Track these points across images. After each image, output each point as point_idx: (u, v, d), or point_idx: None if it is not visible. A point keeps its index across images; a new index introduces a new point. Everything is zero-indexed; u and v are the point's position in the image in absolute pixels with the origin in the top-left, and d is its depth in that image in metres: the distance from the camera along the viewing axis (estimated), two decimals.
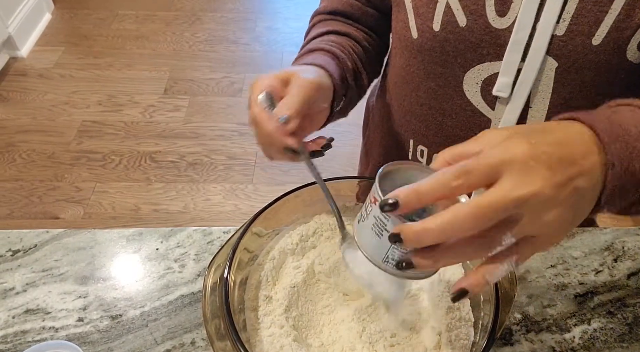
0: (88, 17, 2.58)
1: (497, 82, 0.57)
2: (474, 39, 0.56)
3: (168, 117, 2.09)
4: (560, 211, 0.34)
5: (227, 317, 0.46)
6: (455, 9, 0.55)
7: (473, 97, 0.61)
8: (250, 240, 0.53)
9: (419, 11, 0.58)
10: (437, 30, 0.57)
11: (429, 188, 0.34)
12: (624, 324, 0.61)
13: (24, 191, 1.80)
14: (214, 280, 0.50)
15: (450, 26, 0.56)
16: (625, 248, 0.69)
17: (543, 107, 0.58)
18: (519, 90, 0.57)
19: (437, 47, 0.59)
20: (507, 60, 0.56)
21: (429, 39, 0.59)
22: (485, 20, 0.55)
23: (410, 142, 0.71)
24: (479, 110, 0.61)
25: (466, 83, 0.60)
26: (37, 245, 0.68)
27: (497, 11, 0.54)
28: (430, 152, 0.70)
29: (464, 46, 0.57)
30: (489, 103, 0.60)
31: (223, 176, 1.88)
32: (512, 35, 0.54)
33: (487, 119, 0.62)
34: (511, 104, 0.58)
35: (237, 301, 0.52)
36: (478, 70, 0.58)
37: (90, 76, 2.25)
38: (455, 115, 0.63)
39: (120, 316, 0.61)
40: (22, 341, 0.59)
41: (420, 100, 0.66)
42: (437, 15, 0.57)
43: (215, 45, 2.43)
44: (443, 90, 0.62)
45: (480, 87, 0.59)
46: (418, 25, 0.59)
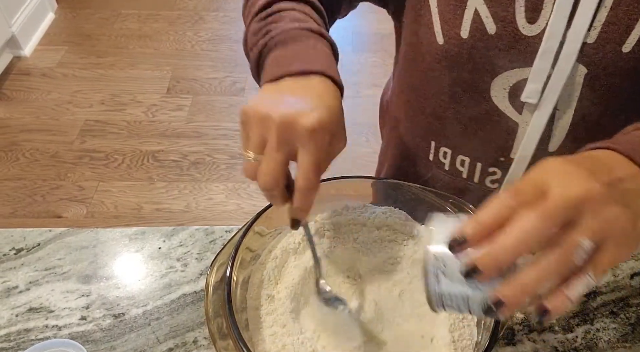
0: (91, 16, 2.58)
1: (526, 88, 0.57)
2: (503, 46, 0.55)
3: (171, 116, 2.09)
4: (619, 209, 0.35)
5: (229, 316, 0.46)
6: (485, 16, 0.54)
7: (500, 102, 0.60)
8: (252, 239, 0.53)
9: (445, 17, 0.57)
10: (465, 38, 0.56)
11: (488, 212, 0.35)
12: (626, 324, 0.61)
13: (27, 190, 1.81)
14: (216, 279, 0.50)
15: (478, 33, 0.55)
16: None
17: (570, 112, 0.58)
18: (547, 96, 0.56)
19: (465, 53, 0.58)
20: (536, 68, 0.55)
21: (455, 46, 0.58)
22: (515, 28, 0.54)
23: (431, 144, 0.71)
24: (506, 115, 0.61)
25: (493, 89, 0.59)
26: (40, 244, 0.69)
27: (528, 18, 0.53)
28: (454, 154, 0.69)
29: (492, 53, 0.56)
30: (517, 108, 0.60)
31: (225, 175, 1.88)
32: (542, 43, 0.53)
33: (514, 123, 0.61)
34: (539, 109, 0.58)
35: (239, 300, 0.52)
36: (506, 77, 0.58)
37: (93, 75, 2.26)
38: (482, 120, 0.63)
39: (122, 315, 0.61)
40: (25, 339, 0.59)
41: (444, 104, 0.65)
42: (464, 22, 0.56)
43: (217, 44, 2.43)
44: (469, 95, 0.62)
45: (508, 93, 0.59)
46: (444, 31, 0.58)
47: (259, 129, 0.42)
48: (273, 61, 0.48)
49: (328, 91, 0.45)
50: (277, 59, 0.48)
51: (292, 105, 0.42)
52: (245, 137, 0.44)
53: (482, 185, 0.69)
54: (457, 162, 0.69)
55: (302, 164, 0.42)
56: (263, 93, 0.45)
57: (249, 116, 0.43)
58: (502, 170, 0.67)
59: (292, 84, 0.45)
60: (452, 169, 0.70)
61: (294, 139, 0.41)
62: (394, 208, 0.60)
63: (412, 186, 0.59)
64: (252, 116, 0.43)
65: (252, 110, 0.43)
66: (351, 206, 0.61)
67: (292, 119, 0.41)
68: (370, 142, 1.98)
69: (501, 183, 0.68)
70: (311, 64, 0.46)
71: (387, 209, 0.60)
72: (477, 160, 0.68)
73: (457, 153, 0.69)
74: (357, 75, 2.27)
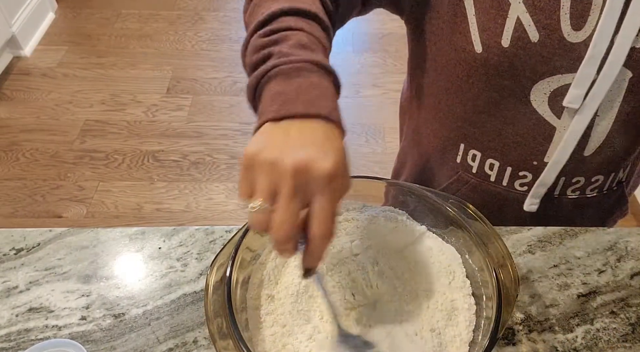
0: (91, 16, 2.58)
1: (569, 93, 0.56)
2: (546, 54, 0.55)
3: (171, 116, 2.09)
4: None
5: (230, 316, 0.46)
6: (527, 24, 0.54)
7: (539, 107, 0.60)
8: (252, 239, 0.53)
9: (485, 26, 0.56)
10: (506, 46, 0.55)
11: None
12: (627, 324, 0.61)
13: (28, 190, 1.81)
14: (216, 279, 0.50)
15: (521, 42, 0.55)
16: (629, 248, 0.69)
17: (611, 116, 0.58)
18: (590, 101, 0.56)
19: (505, 62, 0.57)
20: (581, 74, 0.55)
21: (496, 55, 0.57)
22: (559, 35, 0.54)
23: (460, 147, 0.70)
24: (544, 119, 0.61)
25: (533, 94, 0.59)
26: (40, 244, 0.69)
27: (572, 25, 0.53)
28: (483, 157, 0.68)
29: (534, 61, 0.56)
30: (556, 112, 0.59)
31: (226, 175, 1.88)
32: (589, 50, 0.53)
33: (551, 127, 0.61)
34: (580, 114, 0.57)
35: (239, 300, 0.52)
36: (548, 82, 0.57)
37: (94, 75, 2.26)
38: (518, 123, 0.62)
39: (122, 315, 0.61)
40: (25, 339, 0.59)
41: (478, 108, 0.64)
42: (506, 31, 0.55)
43: (218, 44, 2.43)
44: (507, 100, 0.61)
45: (548, 97, 0.58)
46: (483, 40, 0.57)
47: (270, 176, 0.39)
48: (274, 96, 0.44)
49: (334, 135, 0.42)
50: (279, 95, 0.44)
51: (303, 150, 0.39)
52: (247, 184, 0.40)
53: (511, 188, 0.69)
54: (485, 165, 0.69)
55: (320, 211, 0.39)
56: (266, 135, 0.42)
57: (256, 162, 0.40)
58: (533, 174, 0.67)
59: (296, 127, 0.41)
60: (480, 172, 0.70)
61: (310, 187, 0.39)
62: (394, 208, 0.61)
63: (413, 186, 0.59)
64: (260, 162, 0.39)
65: (260, 155, 0.39)
66: (351, 205, 0.61)
67: (307, 165, 0.38)
68: (370, 143, 1.97)
69: (530, 186, 0.68)
70: (315, 107, 0.42)
71: (388, 208, 0.61)
72: (508, 164, 0.67)
73: (487, 156, 0.68)
74: (357, 75, 2.26)
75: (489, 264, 0.50)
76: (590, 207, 0.73)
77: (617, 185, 0.72)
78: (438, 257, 0.57)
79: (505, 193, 0.70)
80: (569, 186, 0.68)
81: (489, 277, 0.50)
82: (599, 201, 0.72)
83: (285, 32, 0.48)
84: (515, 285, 0.50)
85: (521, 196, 0.69)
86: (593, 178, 0.68)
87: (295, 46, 0.46)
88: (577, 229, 0.70)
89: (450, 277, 0.55)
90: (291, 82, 0.44)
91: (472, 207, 0.56)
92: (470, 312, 0.53)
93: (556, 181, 0.67)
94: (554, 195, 0.69)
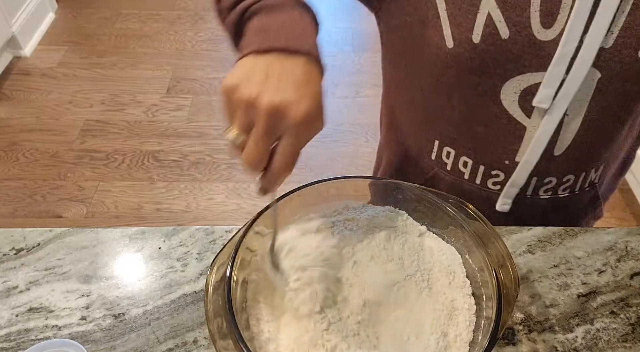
0: (91, 16, 2.58)
1: (539, 93, 0.56)
2: (516, 51, 0.55)
3: (171, 116, 2.09)
4: None
5: (230, 316, 0.46)
6: (498, 20, 0.54)
7: (510, 106, 0.60)
8: (252, 239, 0.53)
9: (456, 21, 0.56)
10: (476, 42, 0.56)
11: None
12: (627, 324, 0.61)
13: (28, 190, 1.81)
14: (216, 279, 0.50)
15: (491, 38, 0.55)
16: (629, 248, 0.69)
17: (580, 115, 0.58)
18: (559, 101, 0.56)
19: (476, 58, 0.57)
20: (551, 73, 0.55)
21: (466, 50, 0.57)
22: (529, 32, 0.54)
23: (435, 143, 0.70)
24: (514, 119, 0.61)
25: (504, 92, 0.59)
26: (40, 244, 0.69)
27: (542, 23, 0.53)
28: (457, 154, 0.68)
29: (504, 58, 0.56)
30: (526, 112, 0.59)
31: (226, 175, 1.88)
32: (558, 48, 0.53)
33: (522, 127, 0.61)
34: (550, 114, 0.57)
35: (239, 300, 0.52)
36: (518, 81, 0.57)
37: (94, 75, 2.26)
38: (490, 123, 0.62)
39: (122, 315, 0.61)
40: (25, 339, 0.59)
41: (451, 106, 0.64)
42: (477, 26, 0.55)
43: (218, 44, 2.43)
44: (478, 98, 0.61)
45: (518, 97, 0.58)
46: (455, 35, 0.57)
47: (246, 112, 0.42)
48: (256, 30, 0.47)
49: (313, 76, 0.45)
50: (262, 28, 0.46)
51: (280, 92, 0.42)
52: (228, 115, 0.44)
53: (484, 187, 0.69)
54: (459, 163, 0.69)
55: (284, 149, 0.43)
56: (247, 69, 0.44)
57: (234, 96, 0.43)
58: (505, 173, 0.67)
59: (277, 64, 0.44)
60: (455, 169, 0.70)
61: (282, 126, 0.42)
62: (394, 208, 0.61)
63: (413, 186, 0.59)
64: (238, 96, 0.42)
65: (239, 90, 0.42)
66: (351, 205, 0.61)
67: (280, 110, 0.41)
68: (370, 142, 1.97)
69: (503, 185, 0.68)
70: (298, 43, 0.45)
71: (387, 208, 0.61)
72: (481, 162, 0.67)
73: (461, 154, 0.68)
74: (357, 75, 2.26)
75: (489, 264, 0.50)
76: (563, 208, 0.73)
77: (590, 186, 0.72)
78: (438, 257, 0.57)
79: (479, 192, 0.70)
80: (541, 186, 0.68)
81: (489, 277, 0.50)
82: (571, 202, 0.72)
83: None
84: (515, 285, 0.50)
85: (495, 195, 0.70)
86: (564, 178, 0.68)
87: None
88: (577, 229, 0.70)
89: (450, 278, 0.55)
90: (274, 16, 0.46)
91: (472, 207, 0.56)
92: (471, 312, 0.53)
93: (528, 181, 0.67)
94: (527, 195, 0.69)
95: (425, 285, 0.55)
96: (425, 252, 0.57)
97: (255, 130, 0.42)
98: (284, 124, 0.42)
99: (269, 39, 0.45)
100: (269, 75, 0.43)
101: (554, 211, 0.73)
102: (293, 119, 0.42)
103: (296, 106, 0.42)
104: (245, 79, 0.43)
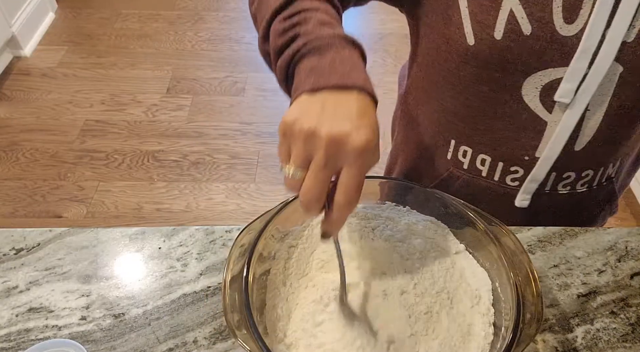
0: (91, 16, 2.58)
1: (560, 88, 0.56)
2: (539, 47, 0.55)
3: (171, 116, 2.09)
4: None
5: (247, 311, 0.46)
6: (520, 16, 0.54)
7: (531, 102, 0.60)
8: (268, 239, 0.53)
9: (478, 18, 0.56)
10: (498, 39, 0.56)
11: None
12: (627, 324, 0.61)
13: (28, 190, 1.81)
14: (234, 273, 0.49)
15: (513, 34, 0.55)
16: (629, 248, 0.69)
17: (601, 110, 0.58)
18: (581, 95, 0.56)
19: (497, 54, 0.57)
20: (573, 68, 0.55)
21: (488, 47, 0.57)
22: (551, 28, 0.54)
23: (451, 143, 0.70)
24: (535, 114, 0.60)
25: (525, 88, 0.59)
26: (40, 244, 0.69)
27: (565, 18, 0.53)
28: (474, 153, 0.68)
29: (526, 54, 0.56)
30: (547, 107, 0.59)
31: (226, 175, 1.88)
32: (581, 43, 0.53)
33: (543, 122, 0.61)
34: (571, 108, 0.57)
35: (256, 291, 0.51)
36: (540, 76, 0.57)
37: (94, 75, 2.26)
38: (508, 119, 0.62)
39: (122, 315, 0.61)
40: (25, 339, 0.59)
41: (468, 102, 0.64)
42: (499, 23, 0.55)
43: (217, 44, 2.43)
44: (497, 94, 0.61)
45: (540, 92, 0.58)
46: (476, 31, 0.57)
47: (305, 145, 0.42)
48: (308, 71, 0.46)
49: (368, 108, 0.44)
50: (314, 69, 0.46)
51: (338, 123, 0.41)
52: (285, 150, 0.43)
53: (502, 183, 0.69)
54: (477, 161, 0.69)
55: (346, 182, 0.42)
56: (303, 105, 0.44)
57: (293, 131, 0.42)
58: (524, 169, 0.67)
59: (333, 99, 0.44)
60: (472, 167, 0.70)
61: (341, 159, 0.41)
62: (435, 219, 0.59)
63: (458, 202, 0.56)
64: (296, 131, 0.42)
65: (297, 125, 0.42)
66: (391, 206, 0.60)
67: (340, 139, 0.41)
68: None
69: (522, 181, 0.68)
70: (350, 79, 0.45)
71: (429, 219, 0.59)
72: (499, 159, 0.67)
73: (478, 152, 0.68)
74: None
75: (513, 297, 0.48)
76: (580, 203, 0.73)
77: (607, 180, 0.72)
78: (467, 278, 0.55)
79: (497, 188, 0.70)
80: (560, 181, 0.68)
81: (510, 311, 0.48)
82: (589, 197, 0.72)
83: (305, 13, 0.50)
84: (536, 323, 0.47)
85: (513, 191, 0.70)
86: (583, 173, 0.68)
87: (318, 24, 0.49)
88: (577, 229, 0.70)
89: (474, 301, 0.53)
90: (324, 56, 0.46)
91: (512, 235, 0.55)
92: (486, 341, 0.51)
93: (547, 176, 0.67)
94: (545, 190, 0.69)
95: (447, 303, 0.53)
96: (456, 271, 0.56)
97: (315, 162, 0.42)
98: (343, 155, 0.41)
99: (322, 78, 0.45)
100: (325, 108, 0.43)
101: (571, 206, 0.73)
102: (353, 148, 0.41)
103: (356, 135, 0.41)
104: (303, 113, 0.43)
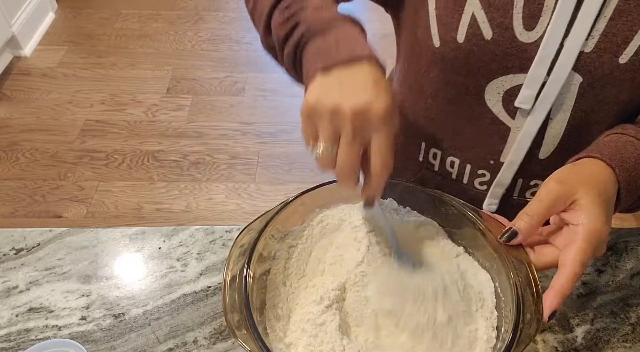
0: (91, 16, 2.58)
1: (520, 94, 0.57)
2: (499, 52, 0.55)
3: (171, 116, 2.09)
4: None
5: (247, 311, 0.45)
6: (481, 21, 0.54)
7: (494, 106, 0.60)
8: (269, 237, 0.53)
9: (443, 21, 0.57)
10: (461, 42, 0.56)
11: None
12: (627, 324, 0.61)
13: (28, 190, 1.81)
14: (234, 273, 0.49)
15: (475, 39, 0.56)
16: (629, 248, 0.69)
17: (563, 119, 0.58)
18: (541, 103, 0.57)
19: (460, 57, 0.58)
20: (532, 74, 0.55)
21: (451, 50, 0.58)
22: (511, 34, 0.54)
23: (421, 145, 0.71)
24: (499, 119, 0.61)
25: (488, 93, 0.59)
26: (40, 244, 0.69)
27: (525, 25, 0.53)
28: (444, 155, 0.69)
29: (488, 58, 0.56)
30: (510, 113, 0.60)
31: (226, 175, 1.88)
32: (539, 51, 0.53)
33: (506, 127, 0.61)
34: (532, 115, 0.58)
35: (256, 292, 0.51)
36: (501, 82, 0.58)
37: (94, 75, 2.26)
38: (474, 122, 0.63)
39: (122, 315, 0.61)
40: (25, 339, 0.59)
41: (437, 105, 0.65)
42: (461, 26, 0.56)
43: (218, 44, 2.43)
44: (463, 98, 0.62)
45: (502, 97, 0.59)
46: (441, 34, 0.58)
47: (331, 122, 0.44)
48: (316, 53, 0.49)
49: (380, 75, 0.47)
50: (321, 50, 0.49)
51: (358, 95, 0.44)
52: (311, 131, 0.46)
53: (471, 186, 0.70)
54: (446, 163, 0.70)
55: (380, 148, 0.45)
56: (321, 85, 0.46)
57: (317, 110, 0.45)
58: (491, 173, 0.67)
59: (347, 73, 0.46)
60: (442, 170, 0.71)
61: (368, 128, 0.44)
62: (436, 224, 0.59)
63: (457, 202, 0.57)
64: (321, 110, 0.44)
65: (320, 104, 0.44)
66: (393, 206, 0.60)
67: (364, 110, 0.43)
68: None
69: (489, 186, 0.68)
70: (357, 51, 0.47)
71: (429, 222, 0.59)
72: (467, 161, 0.68)
73: (447, 154, 0.69)
74: None
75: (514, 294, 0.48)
76: None
77: None
78: (470, 281, 0.55)
79: (467, 191, 0.70)
80: (527, 188, 0.68)
81: (510, 313, 0.48)
82: None
83: (301, 2, 0.53)
84: (535, 325, 0.47)
85: (481, 195, 0.70)
86: None
87: (315, 9, 0.52)
88: None
89: (478, 304, 0.53)
90: (328, 37, 0.49)
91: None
92: (488, 345, 0.50)
93: (514, 183, 0.67)
94: (513, 197, 0.69)
95: (462, 315, 0.52)
96: (461, 277, 0.55)
97: (344, 136, 0.44)
98: (369, 124, 0.44)
99: (331, 56, 0.48)
100: (343, 84, 0.45)
101: None
102: (377, 115, 0.44)
103: (377, 103, 0.44)
104: (323, 93, 0.45)
